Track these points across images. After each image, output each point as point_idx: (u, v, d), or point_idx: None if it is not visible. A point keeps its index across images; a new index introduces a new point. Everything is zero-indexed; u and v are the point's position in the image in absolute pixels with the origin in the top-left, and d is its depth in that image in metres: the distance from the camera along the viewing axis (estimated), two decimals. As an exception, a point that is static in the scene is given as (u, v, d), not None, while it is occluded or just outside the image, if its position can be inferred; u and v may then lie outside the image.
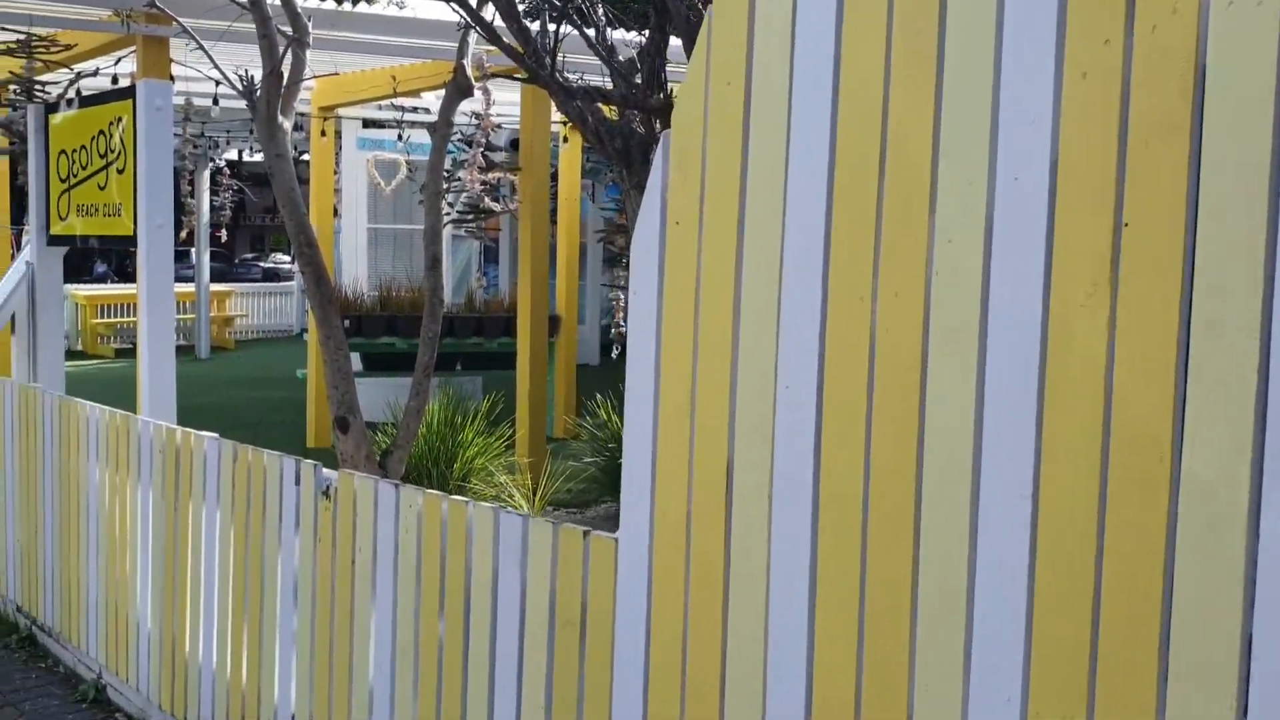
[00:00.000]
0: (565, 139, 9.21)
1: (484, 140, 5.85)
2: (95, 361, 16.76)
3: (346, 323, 10.68)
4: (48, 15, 6.23)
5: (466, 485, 6.80)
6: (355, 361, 10.93)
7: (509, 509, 2.71)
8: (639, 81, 4.91)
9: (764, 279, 2.03)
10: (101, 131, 5.52)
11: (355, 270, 11.65)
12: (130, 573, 4.11)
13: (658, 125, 5.19)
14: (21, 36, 6.12)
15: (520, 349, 7.83)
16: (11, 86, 6.32)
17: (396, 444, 6.42)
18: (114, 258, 27.33)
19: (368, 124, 12.06)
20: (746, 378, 2.06)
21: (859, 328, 1.88)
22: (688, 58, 4.74)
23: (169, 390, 5.13)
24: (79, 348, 17.41)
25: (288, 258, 38.62)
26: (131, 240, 5.26)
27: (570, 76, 5.34)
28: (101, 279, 25.37)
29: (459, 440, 6.83)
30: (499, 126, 5.87)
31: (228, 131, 16.71)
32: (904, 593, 1.82)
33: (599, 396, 7.58)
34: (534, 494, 6.94)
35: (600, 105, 5.45)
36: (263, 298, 21.56)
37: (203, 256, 18.06)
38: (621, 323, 7.94)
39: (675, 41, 5.40)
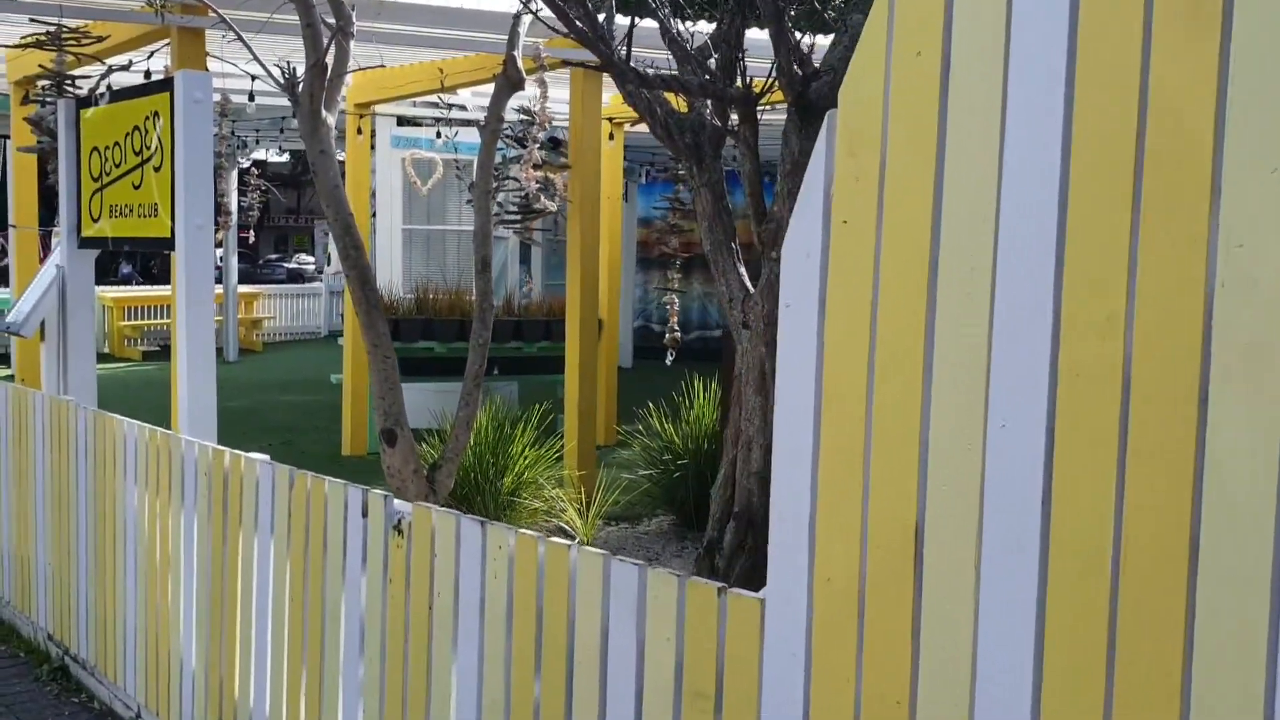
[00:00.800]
0: (611, 136, 8.85)
1: (539, 136, 5.49)
2: (123, 364, 16.52)
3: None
4: (79, 6, 5.92)
5: (517, 500, 6.45)
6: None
7: (617, 559, 2.34)
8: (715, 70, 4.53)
9: (968, 291, 1.65)
10: (136, 127, 5.20)
11: (390, 272, 11.32)
12: (172, 604, 3.77)
13: (733, 117, 4.83)
14: (52, 28, 5.80)
15: (569, 355, 7.47)
16: (41, 81, 6.00)
17: (445, 457, 6.08)
18: (138, 259, 27.13)
19: (402, 122, 11.74)
20: (943, 416, 1.68)
21: (1106, 352, 1.50)
22: (776, 49, 4.40)
23: (209, 407, 4.80)
24: (106, 350, 17.17)
25: (311, 259, 38.47)
26: (168, 243, 4.93)
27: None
28: (126, 280, 25.16)
29: (509, 452, 6.47)
30: (552, 121, 5.51)
31: (256, 130, 16.43)
32: (1171, 679, 1.44)
33: (647, 403, 7.29)
34: (586, 507, 6.58)
35: (665, 97, 5.09)
36: (291, 299, 21.31)
37: (231, 259, 17.80)
38: (676, 328, 7.57)
39: (752, 34, 5.03)
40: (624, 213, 12.55)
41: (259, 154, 19.62)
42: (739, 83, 4.48)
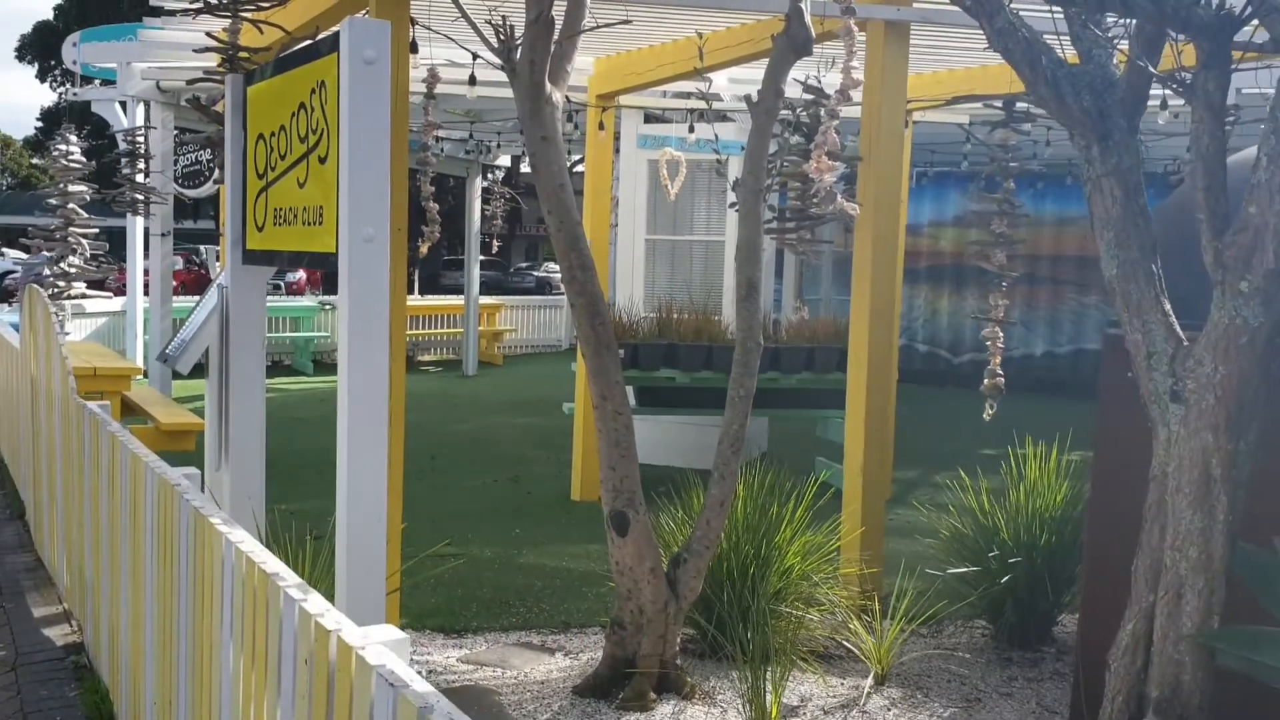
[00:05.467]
0: (909, 122, 7.09)
1: (837, 110, 3.86)
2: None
3: (621, 352, 8.97)
4: (255, -42, 4.74)
5: (777, 609, 4.79)
6: (628, 395, 9.13)
7: None
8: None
9: None
10: (302, 105, 3.92)
11: (630, 289, 9.94)
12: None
13: (1177, 62, 3.04)
14: (224, -11, 4.64)
15: (852, 399, 5.77)
16: (212, 53, 4.86)
17: (692, 548, 4.50)
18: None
19: (649, 119, 10.35)
20: None
21: None
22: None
23: (377, 495, 3.42)
24: (331, 360, 16.77)
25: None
26: (333, 259, 3.61)
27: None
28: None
29: (774, 541, 4.84)
30: (859, 85, 3.84)
31: (498, 134, 15.55)
32: None
33: (917, 436, 5.55)
34: (876, 612, 4.85)
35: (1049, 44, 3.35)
36: (532, 311, 20.54)
37: (472, 269, 17.06)
38: (999, 370, 5.72)
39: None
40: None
41: (503, 159, 18.86)
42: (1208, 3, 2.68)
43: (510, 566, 6.46)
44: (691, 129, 8.37)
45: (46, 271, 17.62)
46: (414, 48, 5.37)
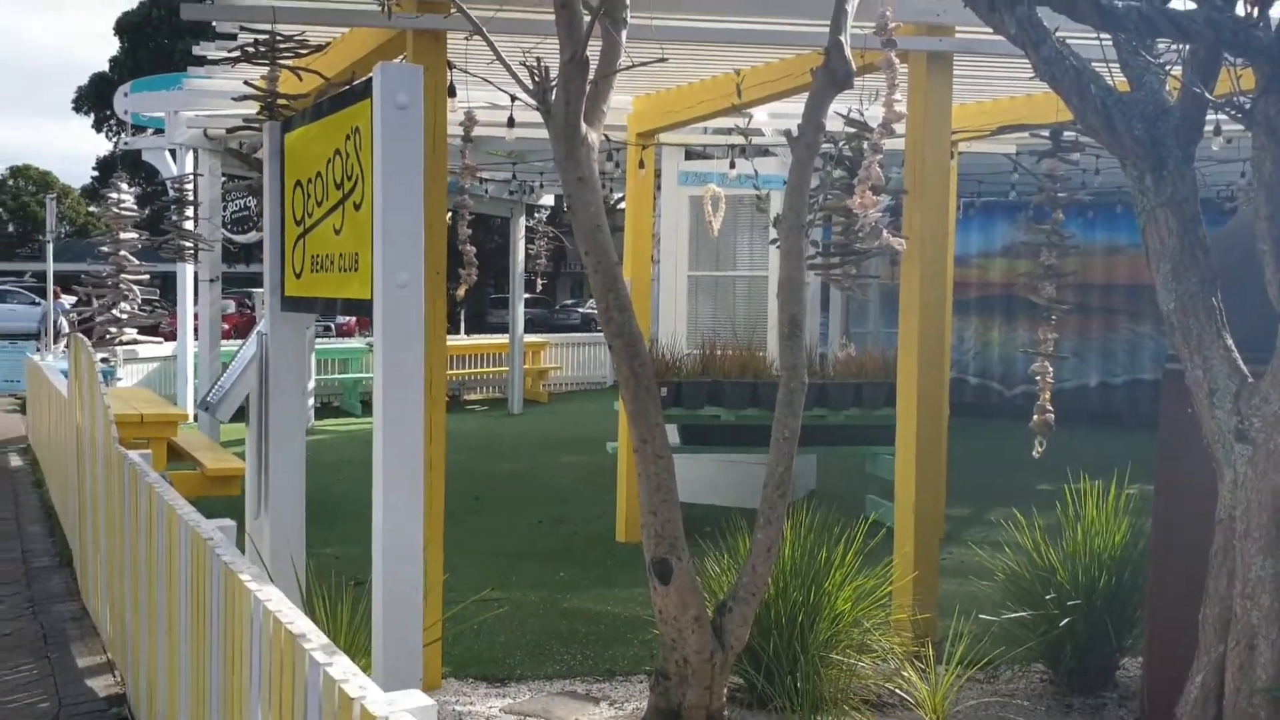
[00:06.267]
0: (955, 153, 6.97)
1: (880, 144, 3.76)
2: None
3: (664, 391, 8.86)
4: (292, 5, 4.75)
5: (827, 657, 4.65)
6: (671, 434, 9.06)
7: None
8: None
9: None
10: (338, 151, 3.91)
11: (673, 325, 9.86)
12: None
13: (1242, 88, 2.91)
14: (263, 35, 4.66)
15: (902, 432, 5.63)
16: (251, 100, 4.88)
17: (738, 596, 4.38)
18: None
19: (690, 155, 10.32)
20: None
21: None
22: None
23: (413, 549, 3.35)
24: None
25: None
26: (368, 306, 3.57)
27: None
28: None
29: (824, 587, 4.70)
30: (903, 118, 3.75)
31: (541, 174, 15.61)
32: None
33: (968, 472, 5.36)
34: (930, 658, 4.69)
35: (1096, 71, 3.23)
36: (576, 349, 20.53)
37: (517, 308, 17.10)
38: (1049, 406, 5.56)
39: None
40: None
41: (547, 199, 18.92)
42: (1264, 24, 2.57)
43: (554, 611, 6.36)
44: (732, 164, 8.31)
45: (62, 320, 17.86)
46: (452, 91, 5.37)
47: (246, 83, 4.94)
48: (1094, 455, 6.91)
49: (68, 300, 19.28)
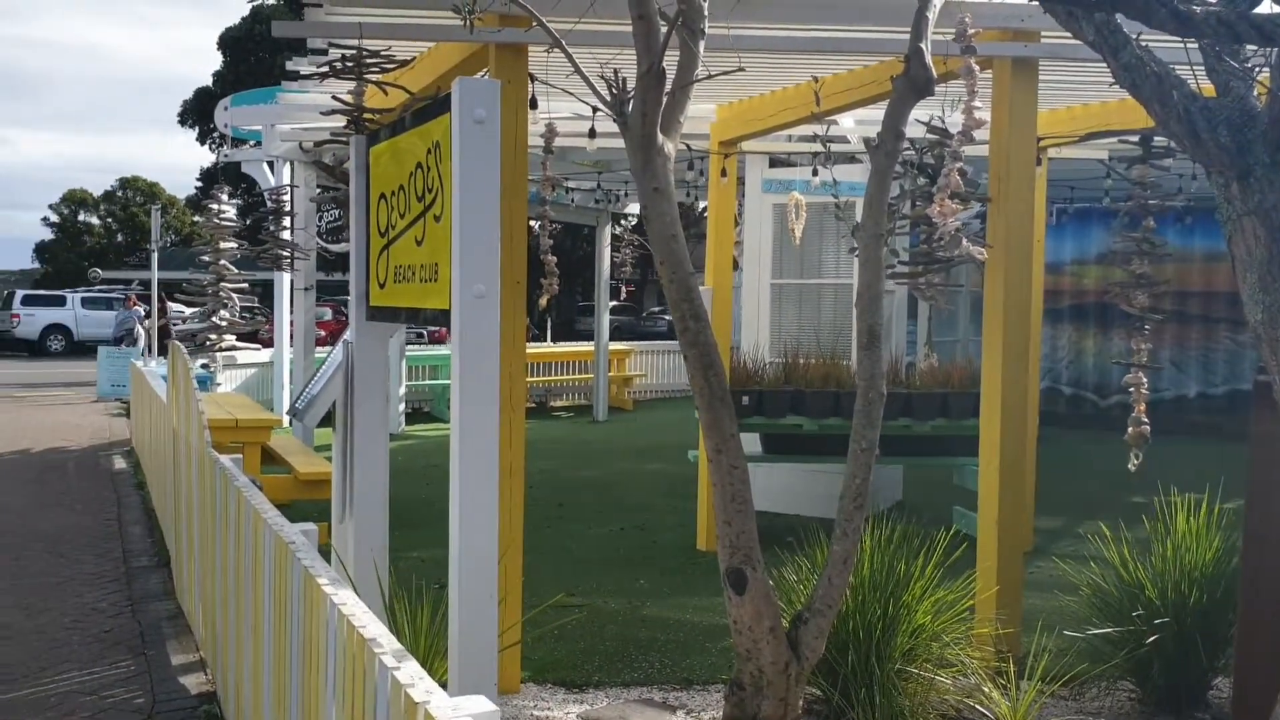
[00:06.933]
0: (1043, 159, 6.84)
1: (960, 152, 3.72)
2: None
3: (745, 400, 8.84)
4: (378, 21, 4.87)
5: (905, 671, 4.59)
6: (753, 443, 9.08)
7: None
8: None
9: None
10: (420, 164, 4.00)
11: (756, 334, 9.83)
12: None
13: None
14: (350, 50, 4.79)
15: (986, 444, 5.54)
16: (339, 114, 5.01)
17: (814, 608, 4.35)
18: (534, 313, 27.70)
19: (774, 163, 10.29)
20: None
21: None
22: None
23: (489, 556, 3.40)
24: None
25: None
26: (446, 316, 3.64)
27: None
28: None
29: (903, 599, 4.65)
30: (982, 125, 3.70)
31: (626, 183, 15.70)
32: None
33: (1062, 483, 5.20)
34: (1016, 691, 4.59)
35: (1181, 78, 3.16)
36: (661, 356, 20.56)
37: (602, 315, 17.22)
38: (1144, 419, 5.42)
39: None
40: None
41: (633, 207, 19.02)
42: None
43: (634, 618, 6.39)
44: (815, 172, 8.26)
45: (137, 327, 18.47)
46: (534, 104, 5.44)
47: (334, 97, 5.08)
48: (1190, 467, 6.71)
49: (142, 308, 20.12)
